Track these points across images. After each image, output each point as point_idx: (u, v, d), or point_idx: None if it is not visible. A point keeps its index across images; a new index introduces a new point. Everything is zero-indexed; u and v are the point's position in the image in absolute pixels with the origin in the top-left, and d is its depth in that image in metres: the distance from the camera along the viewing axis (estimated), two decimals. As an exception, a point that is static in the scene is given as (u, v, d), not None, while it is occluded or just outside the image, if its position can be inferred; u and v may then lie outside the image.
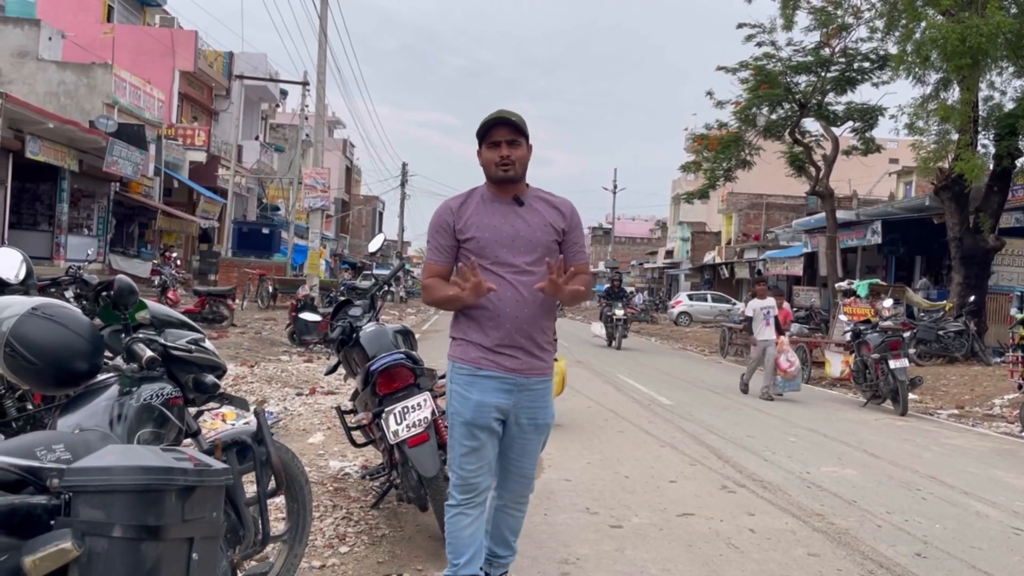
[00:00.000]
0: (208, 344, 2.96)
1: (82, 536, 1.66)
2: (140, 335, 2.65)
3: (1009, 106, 15.74)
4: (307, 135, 32.12)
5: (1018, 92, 15.67)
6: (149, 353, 2.53)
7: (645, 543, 4.51)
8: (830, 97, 21.34)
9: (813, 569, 4.25)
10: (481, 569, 3.24)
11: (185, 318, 3.06)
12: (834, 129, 21.77)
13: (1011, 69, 15.64)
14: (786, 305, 18.10)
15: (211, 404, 3.07)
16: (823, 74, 20.86)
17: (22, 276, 5.64)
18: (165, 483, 1.74)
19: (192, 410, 2.93)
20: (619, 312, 19.98)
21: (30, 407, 4.76)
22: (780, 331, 12.06)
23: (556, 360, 3.64)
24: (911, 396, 11.25)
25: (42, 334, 2.40)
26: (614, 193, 61.80)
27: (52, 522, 1.71)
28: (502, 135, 3.10)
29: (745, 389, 12.00)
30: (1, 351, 2.38)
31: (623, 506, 5.31)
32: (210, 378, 2.77)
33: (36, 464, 1.78)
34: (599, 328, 21.13)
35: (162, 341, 2.69)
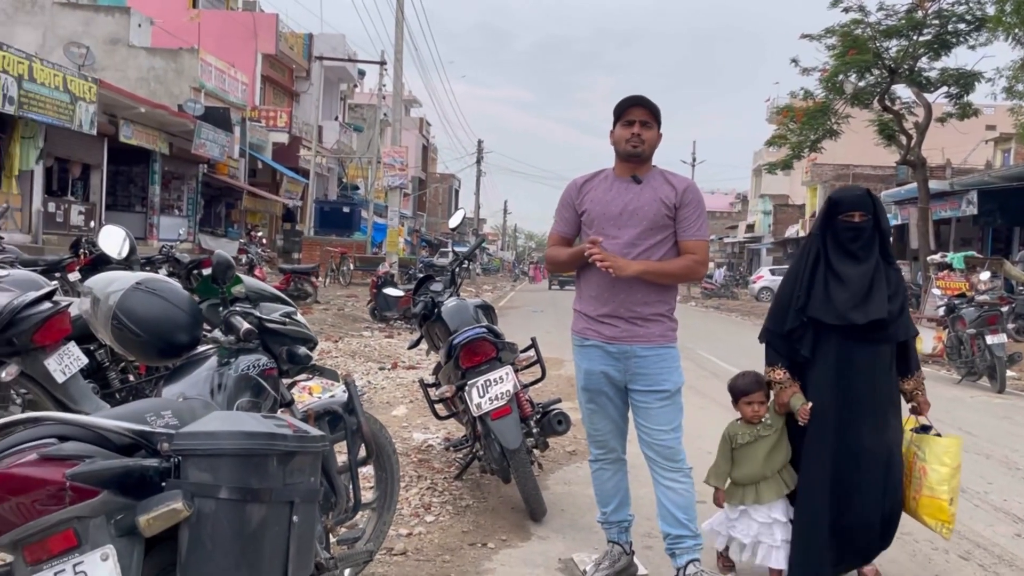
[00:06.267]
0: (300, 317, 3.04)
1: (191, 497, 1.74)
2: (237, 308, 2.74)
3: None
4: (385, 114, 32.48)
5: None
6: (246, 325, 2.61)
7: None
8: (923, 62, 20.39)
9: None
10: (670, 553, 3.36)
11: (277, 292, 3.16)
12: (927, 95, 20.79)
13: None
14: None
15: (302, 376, 3.17)
16: (915, 38, 19.93)
17: (125, 253, 5.93)
18: (268, 448, 1.81)
19: (285, 381, 3.03)
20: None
21: (132, 378, 5.01)
22: None
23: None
24: (1009, 373, 10.77)
25: (146, 308, 2.52)
26: (692, 166, 60.61)
27: (163, 484, 1.80)
28: (637, 115, 3.30)
29: None
30: (108, 324, 2.51)
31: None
32: (303, 350, 2.84)
33: (148, 429, 1.88)
34: None
35: (257, 314, 2.77)
